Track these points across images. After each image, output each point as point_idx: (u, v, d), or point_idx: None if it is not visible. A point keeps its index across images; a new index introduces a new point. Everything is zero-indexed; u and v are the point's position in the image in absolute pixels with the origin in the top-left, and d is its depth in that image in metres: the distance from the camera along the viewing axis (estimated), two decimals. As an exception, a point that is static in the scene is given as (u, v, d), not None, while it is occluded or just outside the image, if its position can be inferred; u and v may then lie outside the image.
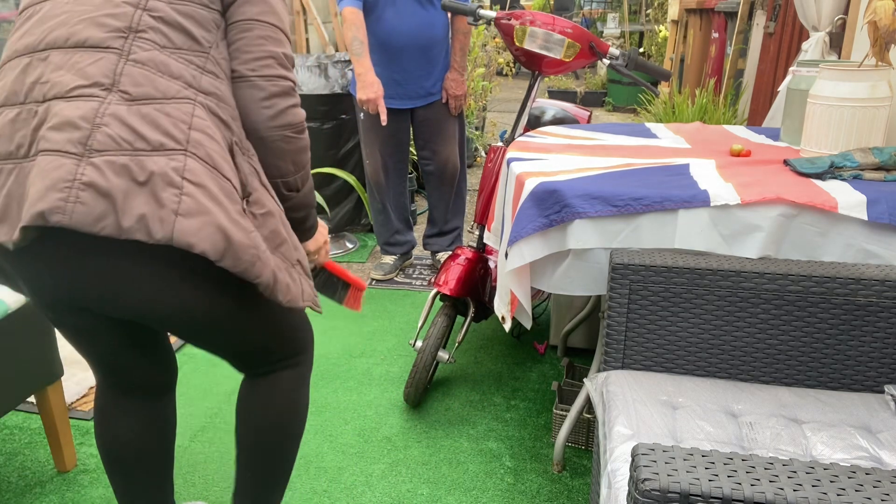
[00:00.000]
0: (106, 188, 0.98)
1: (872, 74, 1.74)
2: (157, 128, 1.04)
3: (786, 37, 3.72)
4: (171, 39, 1.11)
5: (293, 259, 1.21)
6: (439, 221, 3.27)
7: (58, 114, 1.03)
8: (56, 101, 1.04)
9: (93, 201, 0.98)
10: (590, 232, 1.58)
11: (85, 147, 1.00)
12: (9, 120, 1.07)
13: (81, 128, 1.01)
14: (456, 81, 2.96)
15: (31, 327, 1.76)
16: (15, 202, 1.03)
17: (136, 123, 1.03)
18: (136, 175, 1.00)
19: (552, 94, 8.09)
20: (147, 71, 1.07)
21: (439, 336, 2.18)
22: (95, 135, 1.01)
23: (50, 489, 1.89)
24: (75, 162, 0.99)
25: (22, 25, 1.15)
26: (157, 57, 1.09)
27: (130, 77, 1.06)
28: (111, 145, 1.01)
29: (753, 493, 0.81)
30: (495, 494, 1.87)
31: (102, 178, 0.99)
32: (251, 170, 1.17)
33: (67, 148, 1.00)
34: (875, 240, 1.50)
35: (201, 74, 1.12)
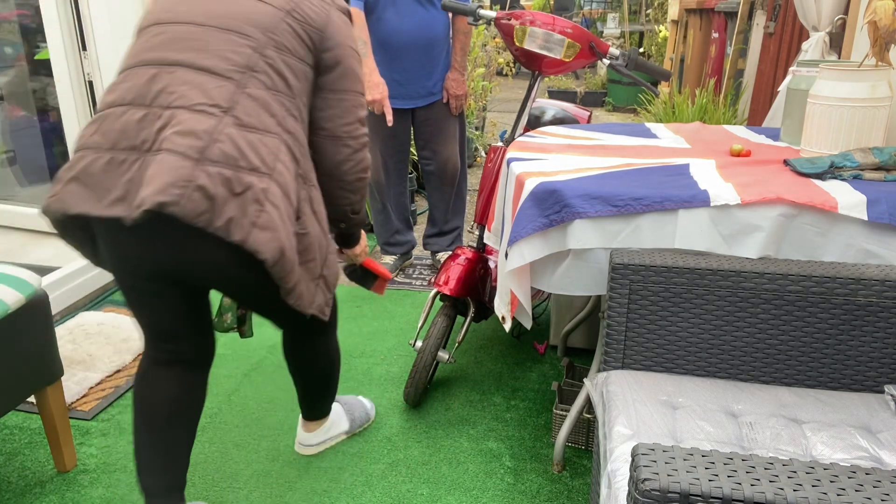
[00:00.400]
0: (212, 193, 1.24)
1: (872, 74, 1.74)
2: (255, 153, 1.31)
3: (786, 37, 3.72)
4: (275, 83, 1.37)
5: (316, 274, 1.45)
6: (439, 221, 3.27)
7: (182, 122, 1.27)
8: (181, 111, 1.29)
9: (199, 201, 1.24)
10: (590, 232, 1.58)
11: (202, 155, 1.26)
12: (136, 119, 1.30)
13: (202, 138, 1.26)
14: (457, 81, 2.96)
15: (31, 327, 1.75)
16: (135, 187, 1.26)
17: (242, 145, 1.29)
18: (234, 188, 1.27)
19: (552, 94, 8.09)
20: (256, 105, 1.33)
21: (439, 336, 2.18)
22: (212, 148, 1.26)
23: (50, 489, 1.89)
24: (193, 165, 1.24)
25: (149, 39, 1.38)
26: (264, 95, 1.35)
27: (243, 107, 1.32)
28: (222, 159, 1.27)
29: (753, 493, 0.81)
30: (495, 494, 1.87)
31: (212, 184, 1.25)
32: (306, 196, 1.42)
33: (189, 153, 1.25)
34: (875, 240, 1.50)
35: (288, 116, 1.39)
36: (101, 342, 2.59)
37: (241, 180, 1.27)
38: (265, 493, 1.87)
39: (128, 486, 1.90)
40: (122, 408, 2.25)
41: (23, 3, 3.39)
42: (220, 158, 1.26)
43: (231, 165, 1.27)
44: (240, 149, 1.29)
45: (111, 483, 1.91)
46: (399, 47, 2.83)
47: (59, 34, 3.00)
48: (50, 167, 3.64)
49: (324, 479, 1.92)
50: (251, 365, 2.51)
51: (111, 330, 2.67)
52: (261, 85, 1.35)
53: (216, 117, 1.29)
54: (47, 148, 3.63)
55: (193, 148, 1.25)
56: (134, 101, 1.32)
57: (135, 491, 1.88)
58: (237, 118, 1.31)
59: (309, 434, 2.01)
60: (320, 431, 2.01)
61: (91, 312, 2.83)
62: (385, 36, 2.82)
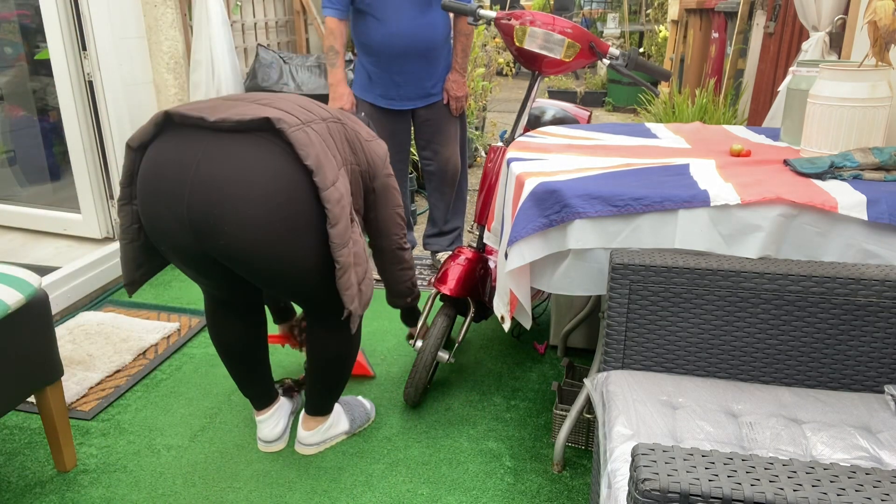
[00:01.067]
0: (314, 139, 1.58)
1: (872, 74, 1.74)
2: (335, 152, 1.68)
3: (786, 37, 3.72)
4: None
5: (357, 280, 1.67)
6: (439, 221, 3.27)
7: (287, 104, 1.66)
8: (287, 102, 1.67)
9: (304, 139, 1.55)
10: (590, 232, 1.58)
11: (306, 122, 1.62)
12: (237, 96, 1.70)
13: (303, 115, 1.63)
14: (457, 83, 2.95)
15: (31, 327, 1.76)
16: (224, 109, 1.57)
17: (328, 139, 1.67)
18: (328, 153, 1.62)
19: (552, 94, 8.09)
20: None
21: (439, 336, 2.18)
22: (312, 124, 1.64)
23: (50, 489, 1.89)
24: (300, 122, 1.59)
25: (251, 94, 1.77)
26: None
27: (328, 125, 1.72)
28: (320, 132, 1.65)
29: (753, 493, 0.81)
30: (495, 494, 1.87)
31: (315, 136, 1.60)
32: (354, 217, 1.69)
33: (295, 113, 1.61)
34: (875, 240, 1.50)
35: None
36: (101, 342, 2.59)
37: (332, 156, 1.62)
38: (265, 493, 1.87)
39: (128, 486, 1.90)
40: (122, 408, 2.25)
41: (23, 3, 3.39)
42: (320, 131, 1.63)
43: (325, 141, 1.64)
44: (329, 139, 1.67)
45: (111, 483, 1.91)
46: (397, 50, 2.81)
47: (59, 34, 3.00)
48: (50, 167, 3.64)
49: (324, 479, 1.92)
50: (251, 365, 2.51)
51: (111, 330, 2.67)
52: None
53: (312, 114, 1.67)
54: (47, 148, 3.63)
55: (300, 113, 1.62)
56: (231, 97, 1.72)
57: (135, 491, 1.88)
58: (327, 125, 1.70)
59: (308, 433, 2.01)
60: (319, 430, 2.01)
61: (91, 312, 2.83)
62: (383, 39, 2.80)
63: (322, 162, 1.56)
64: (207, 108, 1.58)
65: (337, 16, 2.77)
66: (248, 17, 4.19)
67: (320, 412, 2.01)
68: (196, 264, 1.66)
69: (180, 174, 1.53)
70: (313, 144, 1.56)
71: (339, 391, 2.00)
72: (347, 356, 1.94)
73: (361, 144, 1.82)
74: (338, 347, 1.91)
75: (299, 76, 3.81)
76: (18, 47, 3.49)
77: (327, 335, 1.89)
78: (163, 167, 1.56)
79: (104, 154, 3.21)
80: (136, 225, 1.74)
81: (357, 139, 1.81)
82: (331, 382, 1.96)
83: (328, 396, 1.99)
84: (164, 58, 3.34)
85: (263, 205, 1.52)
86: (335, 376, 1.95)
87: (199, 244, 1.58)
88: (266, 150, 1.54)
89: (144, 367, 2.48)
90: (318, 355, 1.92)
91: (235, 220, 1.52)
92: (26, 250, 3.28)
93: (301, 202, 1.57)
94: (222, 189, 1.51)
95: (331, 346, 1.91)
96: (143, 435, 2.12)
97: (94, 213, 3.28)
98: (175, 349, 2.61)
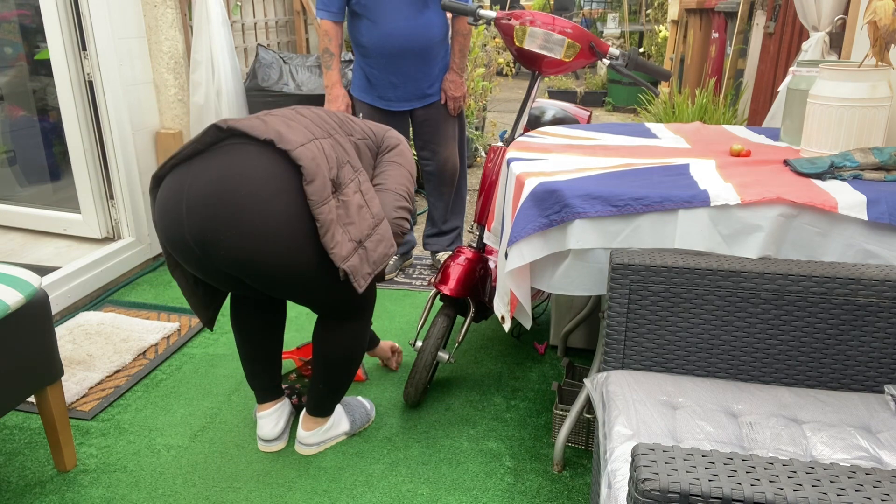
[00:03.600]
0: (266, 120, 1.67)
1: (872, 74, 1.74)
2: (308, 126, 1.72)
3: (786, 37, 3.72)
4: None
5: (354, 237, 1.67)
6: (439, 221, 3.26)
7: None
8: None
9: (256, 122, 1.65)
10: (590, 232, 1.58)
11: (265, 115, 1.71)
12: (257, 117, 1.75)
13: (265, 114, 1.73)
14: (455, 83, 2.95)
15: (31, 327, 1.75)
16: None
17: (296, 117, 1.74)
18: (289, 124, 1.68)
19: (552, 94, 8.09)
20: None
21: (439, 336, 2.18)
22: (272, 113, 1.73)
23: (50, 489, 1.89)
24: (257, 117, 1.69)
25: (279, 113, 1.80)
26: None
27: (301, 110, 1.81)
28: (279, 114, 1.74)
29: (753, 493, 0.81)
30: (495, 494, 1.87)
31: (269, 118, 1.69)
32: (353, 178, 1.73)
33: (255, 116, 1.71)
34: (875, 240, 1.50)
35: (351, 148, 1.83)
36: (101, 342, 2.59)
37: (297, 125, 1.67)
38: (265, 493, 1.87)
39: (128, 486, 1.90)
40: (122, 408, 2.25)
41: (23, 3, 3.39)
42: (279, 114, 1.69)
43: (289, 119, 1.69)
44: (296, 118, 1.72)
45: (111, 483, 1.91)
46: (393, 50, 2.81)
47: (59, 34, 3.00)
48: (50, 167, 3.64)
49: (324, 479, 1.92)
50: (251, 365, 2.51)
51: (111, 330, 2.67)
52: None
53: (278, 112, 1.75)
54: (47, 148, 3.63)
55: (259, 116, 1.69)
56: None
57: (135, 491, 1.88)
58: (297, 110, 1.77)
59: (308, 433, 2.01)
60: (319, 431, 2.02)
61: (91, 312, 2.83)
62: (378, 39, 2.79)
63: (281, 130, 1.61)
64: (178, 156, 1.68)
65: (331, 18, 2.77)
66: (248, 17, 4.19)
67: (321, 413, 2.01)
68: (213, 277, 1.72)
69: (177, 204, 1.61)
70: (266, 123, 1.63)
71: (342, 393, 2.00)
72: (353, 359, 1.94)
73: (359, 124, 1.92)
74: (343, 350, 1.91)
75: (299, 76, 3.81)
76: (18, 47, 3.49)
77: (333, 336, 1.89)
78: (164, 203, 1.65)
79: (104, 154, 3.20)
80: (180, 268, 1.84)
81: (350, 121, 1.92)
82: (334, 384, 1.96)
83: (331, 398, 1.99)
84: (164, 58, 3.34)
85: (254, 207, 1.57)
86: (339, 379, 1.95)
87: (208, 260, 1.64)
88: (239, 153, 1.61)
89: (144, 367, 2.48)
90: (324, 356, 1.92)
91: (230, 231, 1.57)
92: (26, 250, 3.28)
93: (288, 192, 1.60)
94: (211, 206, 1.57)
95: (336, 348, 1.90)
96: (143, 435, 2.12)
97: (94, 213, 3.28)
98: (175, 349, 2.61)
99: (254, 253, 1.58)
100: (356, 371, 1.99)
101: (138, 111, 3.28)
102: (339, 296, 1.77)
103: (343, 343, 1.90)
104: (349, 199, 1.68)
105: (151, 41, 3.32)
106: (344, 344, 1.91)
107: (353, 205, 1.69)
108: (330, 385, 1.96)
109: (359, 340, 1.93)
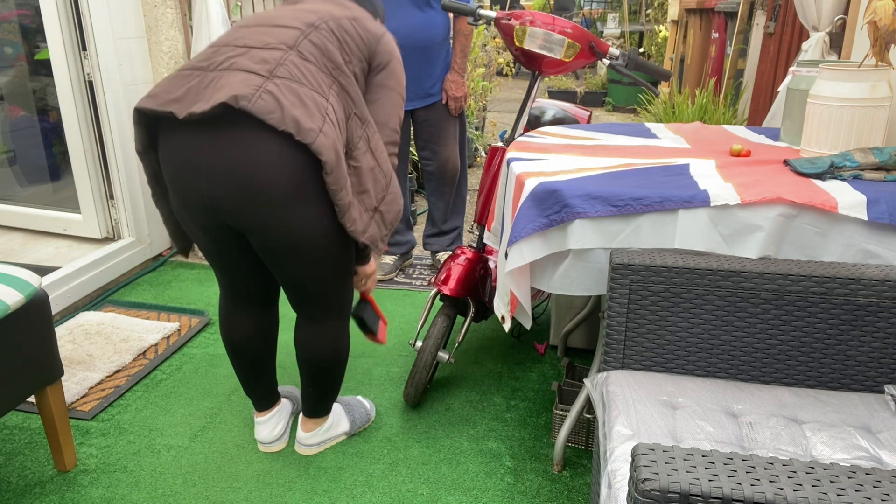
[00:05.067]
0: (279, 98, 1.48)
1: (872, 74, 1.74)
2: (315, 79, 1.57)
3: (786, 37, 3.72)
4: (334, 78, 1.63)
5: (371, 206, 1.67)
6: (439, 221, 3.27)
7: (255, 55, 1.55)
8: (256, 50, 1.57)
9: (270, 102, 1.47)
10: (590, 232, 1.58)
11: (271, 73, 1.51)
12: (213, 50, 1.60)
13: (270, 62, 1.53)
14: (456, 83, 2.95)
15: (31, 327, 1.76)
16: (192, 94, 1.51)
17: (304, 70, 1.56)
18: (301, 97, 1.51)
19: (552, 94, 8.09)
20: (315, 48, 1.61)
21: (439, 336, 2.18)
22: (279, 69, 1.53)
23: (50, 489, 1.89)
24: (262, 79, 1.50)
25: (239, 30, 1.68)
26: (322, 47, 1.63)
27: (305, 46, 1.60)
28: (287, 75, 1.53)
29: (753, 493, 0.81)
30: (495, 494, 1.87)
31: (279, 92, 1.49)
32: (362, 134, 1.66)
33: (258, 70, 1.51)
34: (875, 240, 1.50)
35: (341, 70, 1.65)
36: (101, 342, 2.59)
37: (305, 93, 1.53)
38: (265, 493, 1.87)
39: (128, 486, 1.90)
40: (121, 408, 2.25)
41: (23, 3, 3.39)
42: (286, 75, 1.52)
43: (296, 81, 1.53)
44: (302, 71, 1.55)
45: (111, 483, 1.91)
46: None
47: (59, 34, 3.00)
48: (50, 167, 3.64)
49: (324, 479, 1.92)
50: (251, 365, 2.51)
51: (111, 330, 2.67)
52: (313, 46, 1.62)
53: (282, 50, 1.57)
54: (47, 148, 3.63)
55: (263, 68, 1.52)
56: (220, 43, 1.63)
57: (135, 491, 1.88)
58: (300, 52, 1.59)
59: (307, 434, 2.01)
60: (319, 431, 2.02)
61: (91, 312, 2.83)
62: None
63: (298, 117, 1.49)
64: (173, 99, 1.54)
65: None
66: (248, 17, 4.19)
67: (318, 414, 2.01)
68: (212, 235, 1.69)
69: (195, 175, 1.57)
70: (281, 105, 1.49)
71: (335, 394, 2.00)
72: (338, 359, 1.91)
73: (356, 29, 1.72)
74: (329, 351, 1.88)
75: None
76: (18, 47, 3.49)
77: (313, 338, 1.86)
78: (178, 171, 1.59)
79: (104, 154, 3.20)
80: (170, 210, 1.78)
81: (353, 28, 1.72)
82: (324, 386, 1.95)
83: (324, 399, 1.99)
84: (164, 58, 3.34)
85: (279, 211, 1.56)
86: (328, 380, 1.94)
87: (218, 217, 1.62)
88: (255, 146, 1.52)
89: (144, 367, 2.48)
90: (309, 360, 1.89)
91: (256, 219, 1.58)
92: (26, 250, 3.28)
93: (310, 183, 1.57)
94: (235, 198, 1.56)
95: (321, 349, 1.87)
96: (143, 435, 2.12)
97: (94, 213, 3.28)
98: (175, 349, 2.61)
99: (272, 226, 1.59)
100: (343, 370, 1.96)
101: (138, 111, 3.28)
102: (340, 269, 1.74)
103: (325, 343, 1.87)
104: (361, 163, 1.65)
105: (151, 41, 3.32)
106: (326, 344, 1.87)
107: (366, 169, 1.65)
108: (319, 388, 1.95)
109: (340, 340, 1.89)
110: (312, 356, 1.88)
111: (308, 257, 1.67)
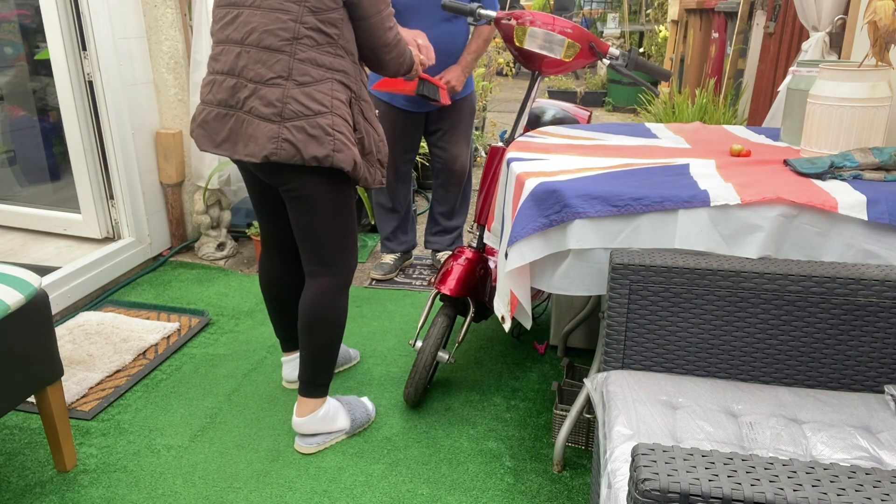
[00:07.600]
0: (295, 143, 1.76)
1: (872, 74, 1.74)
2: (316, 101, 1.77)
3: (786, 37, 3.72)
4: (317, 41, 1.78)
5: (373, 161, 1.94)
6: (441, 220, 3.27)
7: (263, 96, 1.77)
8: (260, 86, 1.78)
9: (289, 150, 1.76)
10: (590, 232, 1.58)
11: (282, 117, 1.76)
12: (230, 86, 1.82)
13: (277, 106, 1.76)
14: (457, 78, 2.94)
15: (31, 327, 1.76)
16: (235, 135, 1.83)
17: (305, 100, 1.76)
18: (309, 131, 1.76)
19: (552, 94, 8.09)
20: (306, 65, 1.78)
21: (439, 336, 2.18)
22: (285, 109, 1.76)
23: (50, 489, 1.89)
24: (278, 126, 1.76)
25: (227, 22, 1.84)
26: (311, 54, 1.78)
27: (298, 70, 1.77)
28: (294, 115, 1.76)
29: (753, 493, 0.81)
30: (495, 494, 1.87)
31: (292, 136, 1.76)
32: (359, 111, 1.88)
33: (272, 118, 1.77)
34: (875, 240, 1.50)
35: (335, 58, 1.81)
36: (101, 342, 2.59)
37: (311, 124, 1.76)
38: (265, 493, 1.87)
39: (128, 486, 1.90)
40: (122, 408, 2.25)
41: (23, 3, 3.39)
42: (293, 115, 1.76)
43: (302, 116, 1.76)
44: (304, 104, 1.76)
45: (111, 483, 1.91)
46: None
47: (59, 34, 3.00)
48: (50, 167, 3.64)
49: (324, 479, 1.92)
50: (251, 365, 2.51)
51: (111, 330, 2.67)
52: (306, 47, 1.77)
53: (282, 86, 1.76)
54: (47, 148, 3.63)
55: (274, 113, 1.76)
56: (230, 72, 1.83)
57: (135, 491, 1.88)
58: (296, 80, 1.77)
59: (302, 420, 2.01)
60: (314, 418, 2.02)
61: (91, 312, 2.83)
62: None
63: (314, 153, 1.77)
64: (223, 140, 1.86)
65: None
66: (248, 17, 4.19)
67: (311, 393, 2.01)
68: (261, 194, 2.07)
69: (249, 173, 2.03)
70: (298, 149, 1.76)
71: (327, 369, 2.01)
72: (327, 319, 1.96)
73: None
74: (326, 307, 1.95)
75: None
76: (18, 47, 3.49)
77: (309, 288, 1.97)
78: (240, 168, 2.04)
79: (104, 154, 3.20)
80: None
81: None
82: (319, 349, 1.98)
83: (318, 369, 2.00)
84: (164, 58, 3.34)
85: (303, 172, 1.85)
86: (318, 344, 1.97)
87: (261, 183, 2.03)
88: (286, 165, 1.83)
89: (144, 367, 2.48)
90: (301, 315, 1.97)
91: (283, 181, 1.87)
92: (26, 250, 3.28)
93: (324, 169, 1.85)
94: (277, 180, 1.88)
95: (312, 303, 1.95)
96: (143, 435, 2.12)
97: (94, 213, 3.28)
98: (175, 349, 2.61)
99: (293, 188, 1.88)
100: (335, 341, 2.01)
101: (138, 111, 3.28)
102: (337, 218, 1.93)
103: (316, 296, 1.95)
104: (363, 133, 1.89)
105: (151, 41, 3.32)
106: (317, 297, 1.95)
107: (367, 136, 1.91)
108: (315, 349, 1.98)
109: (332, 301, 1.97)
110: (304, 311, 1.98)
111: (311, 206, 1.91)
